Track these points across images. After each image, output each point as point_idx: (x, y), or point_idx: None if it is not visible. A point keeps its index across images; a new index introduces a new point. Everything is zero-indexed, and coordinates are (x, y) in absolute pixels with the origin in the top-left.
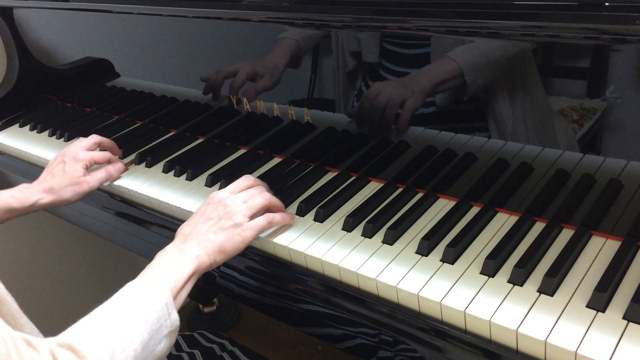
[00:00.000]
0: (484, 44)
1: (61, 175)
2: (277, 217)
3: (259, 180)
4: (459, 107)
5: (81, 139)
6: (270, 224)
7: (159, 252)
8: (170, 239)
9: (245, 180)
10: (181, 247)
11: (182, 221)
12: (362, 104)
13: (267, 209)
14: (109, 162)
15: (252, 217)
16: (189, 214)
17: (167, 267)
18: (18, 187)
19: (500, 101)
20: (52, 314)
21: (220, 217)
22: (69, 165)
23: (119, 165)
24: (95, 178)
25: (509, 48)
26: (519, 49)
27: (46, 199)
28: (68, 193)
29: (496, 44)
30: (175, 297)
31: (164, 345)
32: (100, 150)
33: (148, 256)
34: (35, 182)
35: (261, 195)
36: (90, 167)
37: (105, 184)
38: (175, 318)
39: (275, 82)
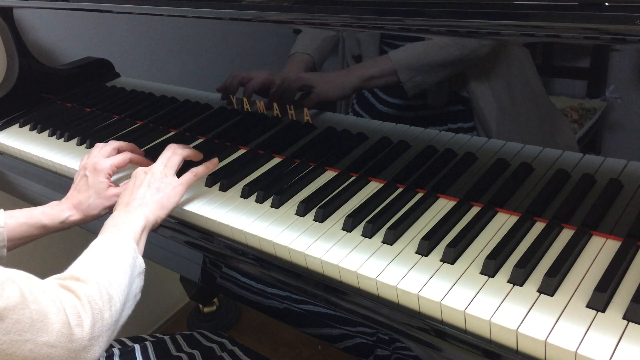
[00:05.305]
0: (421, 46)
1: (86, 190)
2: (200, 169)
3: (173, 145)
4: (448, 109)
5: (98, 145)
6: (196, 176)
7: (109, 218)
8: (169, 238)
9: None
10: (127, 209)
11: (182, 221)
12: (280, 79)
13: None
14: (131, 161)
15: (178, 174)
16: (189, 213)
17: (123, 223)
18: (49, 204)
19: (481, 100)
20: None
21: (150, 182)
22: (91, 177)
23: None
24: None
25: (449, 50)
26: (469, 50)
27: (76, 215)
28: (97, 208)
29: (432, 45)
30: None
31: (137, 284)
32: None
33: (146, 255)
34: (64, 199)
35: (176, 154)
36: (113, 174)
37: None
38: (141, 261)
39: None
